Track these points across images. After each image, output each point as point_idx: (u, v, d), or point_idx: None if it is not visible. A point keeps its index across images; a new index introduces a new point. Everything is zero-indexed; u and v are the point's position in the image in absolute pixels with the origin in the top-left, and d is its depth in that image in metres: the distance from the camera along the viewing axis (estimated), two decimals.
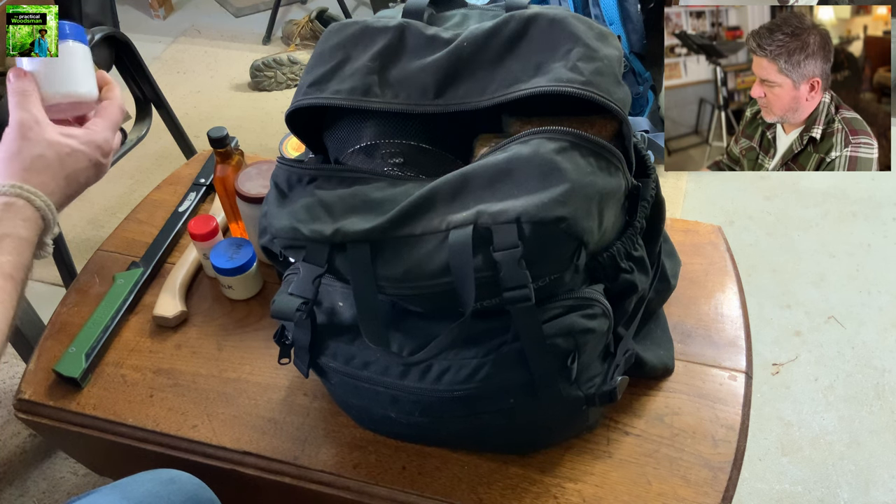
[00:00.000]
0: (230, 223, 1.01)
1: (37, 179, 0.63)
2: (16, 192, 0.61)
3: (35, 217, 0.62)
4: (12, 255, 0.60)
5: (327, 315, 0.69)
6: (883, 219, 1.71)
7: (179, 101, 2.16)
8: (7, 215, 0.61)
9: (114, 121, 0.70)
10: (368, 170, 0.67)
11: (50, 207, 0.63)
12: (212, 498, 0.72)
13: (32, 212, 0.62)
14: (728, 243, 0.98)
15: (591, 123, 0.65)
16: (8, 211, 0.61)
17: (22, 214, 0.61)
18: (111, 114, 0.70)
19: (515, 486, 0.75)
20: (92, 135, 0.67)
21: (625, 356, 0.71)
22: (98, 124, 0.69)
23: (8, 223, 0.60)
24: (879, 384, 1.38)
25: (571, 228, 0.57)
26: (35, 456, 1.29)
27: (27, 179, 0.62)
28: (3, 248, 0.59)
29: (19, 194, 0.61)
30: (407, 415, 0.69)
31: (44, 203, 0.62)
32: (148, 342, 0.91)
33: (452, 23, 0.72)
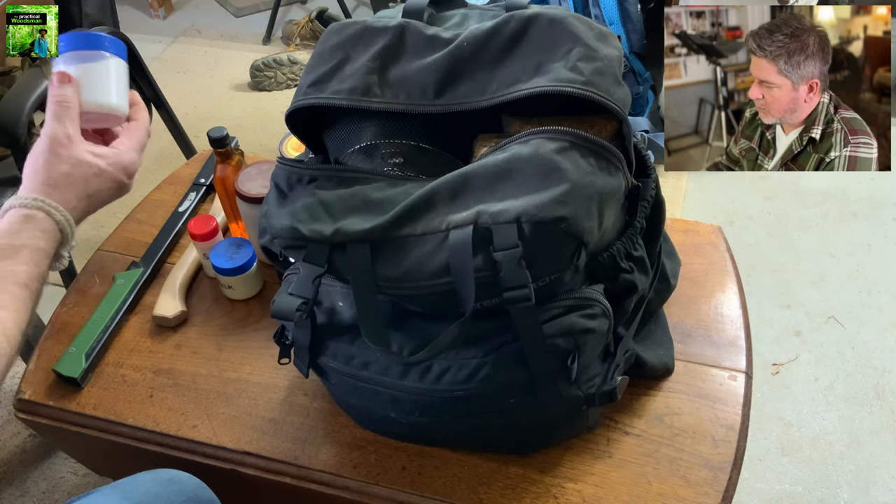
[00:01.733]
0: (230, 223, 1.01)
1: (60, 195, 0.64)
2: (37, 205, 0.62)
3: (54, 230, 0.63)
4: (29, 265, 0.61)
5: (327, 315, 0.69)
6: (883, 219, 1.71)
7: (179, 101, 2.16)
8: (27, 227, 0.62)
9: (141, 142, 0.71)
10: (368, 170, 0.67)
11: (69, 222, 0.64)
12: (212, 498, 0.72)
13: (51, 225, 0.63)
14: (728, 243, 0.98)
15: (591, 123, 0.65)
16: (28, 222, 0.62)
17: (41, 226, 0.62)
18: (139, 135, 0.71)
19: (515, 486, 0.75)
20: (120, 155, 0.68)
21: (625, 356, 0.71)
22: (125, 144, 0.69)
23: (27, 234, 0.61)
24: (879, 384, 1.38)
25: (571, 228, 0.57)
26: (35, 456, 1.29)
27: (50, 194, 0.64)
28: (20, 258, 0.61)
29: (40, 207, 0.63)
30: (407, 415, 0.69)
31: (63, 217, 0.64)
32: (148, 342, 0.91)
33: (452, 23, 0.72)
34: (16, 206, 0.63)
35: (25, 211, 0.62)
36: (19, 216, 0.62)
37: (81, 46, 0.67)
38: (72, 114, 0.65)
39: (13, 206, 0.63)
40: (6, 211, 0.63)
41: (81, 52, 0.67)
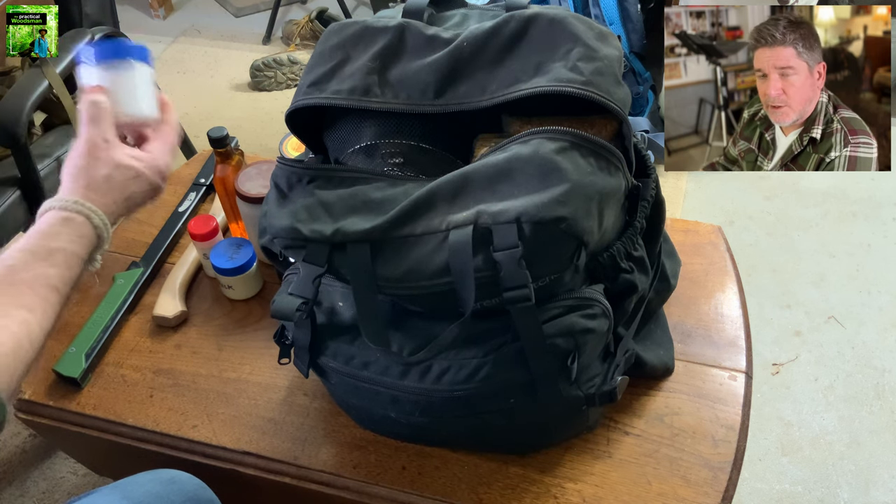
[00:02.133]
0: (230, 223, 1.01)
1: (99, 199, 0.64)
2: (77, 209, 0.62)
3: (91, 235, 0.63)
4: (62, 268, 0.61)
5: (327, 315, 0.69)
6: (883, 219, 1.71)
7: (179, 101, 2.16)
8: (65, 230, 0.62)
9: (172, 144, 0.71)
10: (368, 170, 0.67)
11: (107, 226, 0.64)
12: (212, 498, 0.72)
13: (90, 229, 0.63)
14: (728, 243, 0.98)
15: (591, 123, 0.65)
16: (66, 225, 0.62)
17: (79, 231, 0.62)
18: (170, 137, 0.71)
19: (515, 486, 0.75)
20: (155, 159, 0.68)
21: (625, 356, 0.71)
22: (158, 148, 0.70)
23: (64, 237, 0.61)
24: (879, 384, 1.38)
25: (571, 228, 0.57)
26: (35, 456, 1.29)
27: (90, 197, 0.64)
28: (55, 261, 0.60)
29: (80, 211, 0.62)
30: (407, 415, 0.69)
31: (101, 221, 0.63)
32: (148, 342, 0.91)
33: (452, 23, 0.72)
34: (56, 208, 0.62)
35: (65, 213, 0.62)
36: (58, 218, 0.62)
37: (109, 56, 0.67)
38: (106, 117, 0.65)
39: (52, 208, 0.62)
40: (45, 212, 0.63)
41: (109, 61, 0.67)
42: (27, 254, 0.60)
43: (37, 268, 0.59)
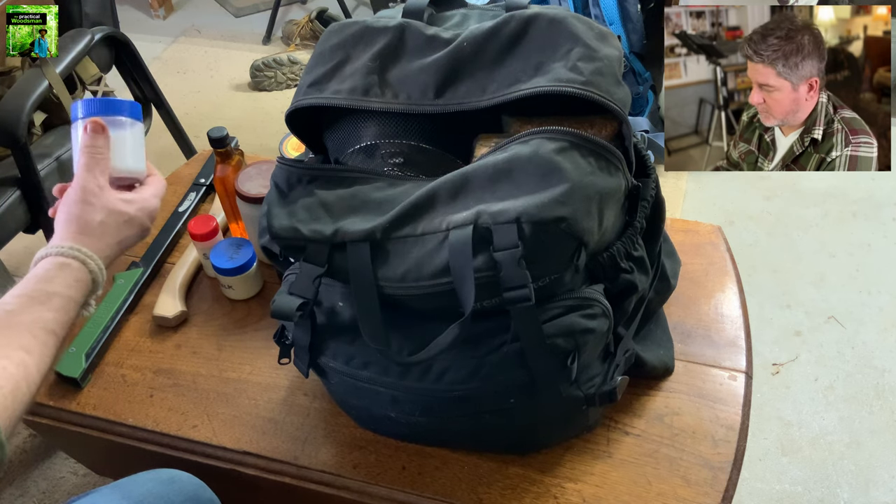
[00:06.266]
0: (230, 223, 1.01)
1: (94, 244, 0.66)
2: (73, 254, 0.64)
3: (87, 279, 0.65)
4: (59, 312, 0.62)
5: (327, 315, 0.69)
6: (883, 219, 1.71)
7: (179, 101, 2.16)
8: (61, 274, 0.63)
9: (161, 190, 0.74)
10: (368, 170, 0.67)
11: (102, 271, 0.66)
12: (212, 498, 0.73)
13: (85, 274, 0.64)
14: (728, 243, 0.98)
15: (591, 123, 0.65)
16: (62, 270, 0.63)
17: (75, 276, 0.64)
18: (159, 184, 0.74)
19: (515, 486, 0.75)
20: (146, 203, 0.71)
21: (625, 356, 0.71)
22: (148, 192, 0.72)
23: (60, 282, 0.63)
24: (879, 384, 1.38)
25: (571, 228, 0.57)
26: (35, 456, 1.29)
27: (84, 242, 0.65)
28: (52, 305, 0.61)
29: (76, 256, 0.64)
30: (407, 415, 0.69)
31: (97, 266, 0.65)
32: (148, 342, 0.91)
33: (452, 23, 0.72)
34: (52, 255, 0.64)
35: (61, 259, 0.63)
36: (55, 264, 0.63)
37: (102, 113, 0.69)
38: (102, 165, 0.68)
39: (48, 255, 0.64)
40: (40, 259, 0.64)
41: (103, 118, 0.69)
42: (25, 298, 0.61)
43: (35, 312, 0.60)
